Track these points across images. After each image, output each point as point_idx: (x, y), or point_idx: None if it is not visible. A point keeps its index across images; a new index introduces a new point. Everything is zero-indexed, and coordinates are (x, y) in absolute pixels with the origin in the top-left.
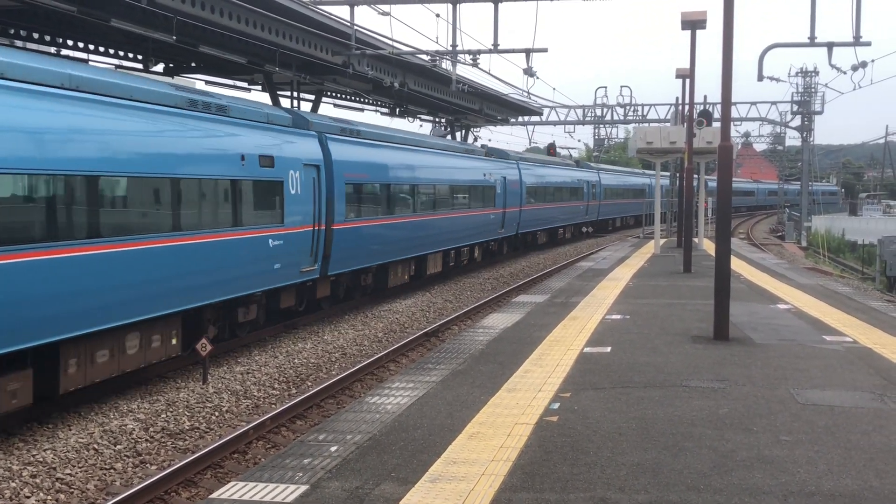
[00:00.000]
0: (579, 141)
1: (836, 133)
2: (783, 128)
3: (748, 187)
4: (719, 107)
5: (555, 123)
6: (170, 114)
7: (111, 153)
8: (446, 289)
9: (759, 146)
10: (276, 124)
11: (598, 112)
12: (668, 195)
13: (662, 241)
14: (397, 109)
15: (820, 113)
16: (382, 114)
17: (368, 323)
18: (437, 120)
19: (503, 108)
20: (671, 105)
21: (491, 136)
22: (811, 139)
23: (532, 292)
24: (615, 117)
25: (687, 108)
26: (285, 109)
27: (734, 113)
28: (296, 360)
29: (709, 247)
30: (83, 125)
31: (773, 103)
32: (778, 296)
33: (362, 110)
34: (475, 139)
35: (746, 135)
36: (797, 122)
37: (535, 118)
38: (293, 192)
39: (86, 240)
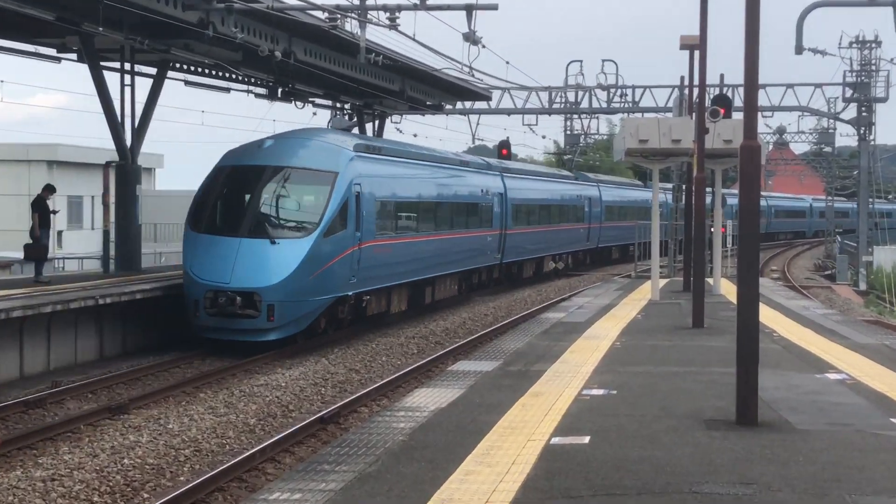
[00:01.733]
0: (544, 138)
1: None
2: (832, 121)
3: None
4: (741, 91)
5: (509, 112)
6: (443, 167)
7: (423, 189)
8: (351, 353)
9: (799, 147)
10: (486, 170)
11: (571, 97)
12: (671, 217)
13: (663, 282)
14: (279, 90)
15: (884, 100)
16: (257, 95)
17: (235, 404)
18: (337, 106)
19: (435, 90)
20: (673, 88)
21: (418, 129)
22: (871, 137)
23: (476, 357)
24: (595, 104)
25: (696, 92)
26: (485, 160)
27: (763, 99)
28: (126, 460)
29: (728, 290)
30: (412, 174)
31: (818, 86)
32: (827, 361)
33: (228, 90)
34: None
35: (780, 131)
36: (851, 112)
37: (480, 105)
38: (496, 210)
39: (412, 233)
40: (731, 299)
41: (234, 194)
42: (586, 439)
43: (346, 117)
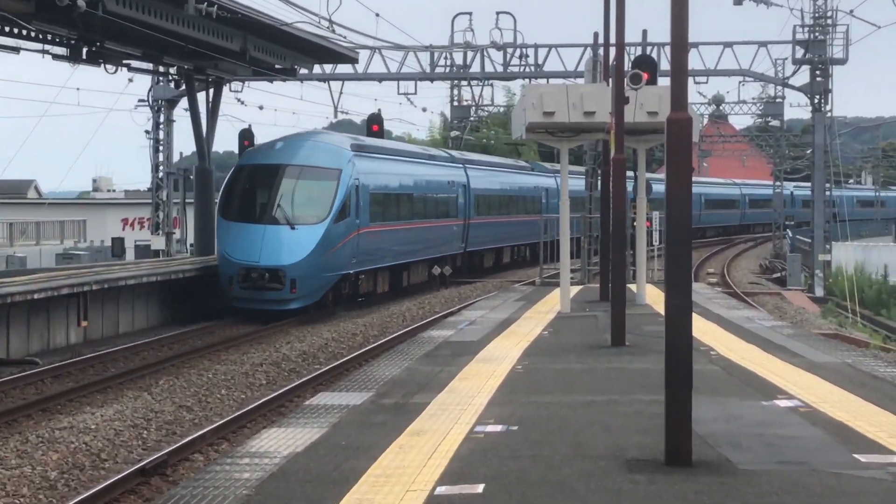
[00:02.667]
0: (425, 110)
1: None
2: (780, 88)
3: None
4: (668, 50)
5: (381, 78)
6: (428, 163)
7: (403, 182)
8: (181, 385)
9: (741, 121)
10: (453, 163)
11: (459, 59)
12: (585, 208)
13: (574, 289)
14: (84, 50)
15: (842, 62)
16: (55, 57)
17: (30, 453)
18: (160, 71)
19: (286, 50)
20: (585, 48)
21: (265, 100)
22: (828, 108)
23: (341, 387)
24: (489, 68)
25: (613, 52)
26: (448, 152)
27: (695, 61)
28: None
29: (655, 299)
30: (401, 170)
31: (763, 45)
32: (775, 385)
33: (16, 50)
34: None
35: (717, 101)
36: (803, 77)
37: (344, 69)
38: (461, 201)
39: (400, 221)
40: (658, 310)
41: (257, 188)
42: (479, 488)
43: (172, 84)
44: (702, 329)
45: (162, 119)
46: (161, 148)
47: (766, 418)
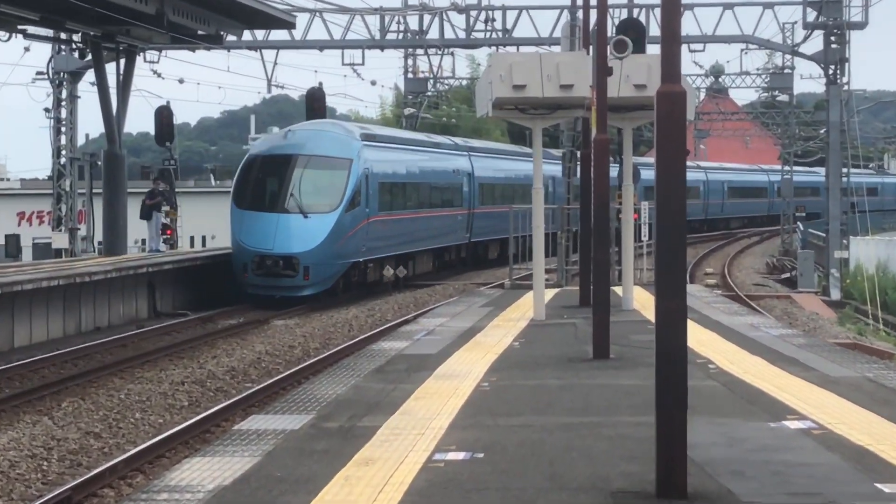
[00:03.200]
0: (375, 84)
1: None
2: (789, 57)
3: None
4: (658, 13)
5: (322, 46)
6: (434, 151)
7: (411, 172)
8: (88, 408)
9: (743, 95)
10: (458, 150)
11: (414, 23)
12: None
13: (550, 293)
14: None
15: (861, 26)
16: None
17: None
18: (62, 38)
19: (210, 14)
20: (562, 10)
21: (186, 72)
22: (845, 80)
23: (277, 409)
24: (449, 34)
25: (594, 15)
26: (452, 140)
27: (690, 26)
28: None
29: (644, 304)
30: (408, 159)
31: (769, 6)
32: (785, 403)
33: None
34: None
35: (717, 72)
36: (816, 44)
37: (279, 36)
38: (465, 190)
39: (407, 210)
40: (648, 316)
41: (270, 177)
42: None
43: (77, 54)
44: (699, 338)
45: (64, 95)
46: (63, 129)
47: (774, 442)
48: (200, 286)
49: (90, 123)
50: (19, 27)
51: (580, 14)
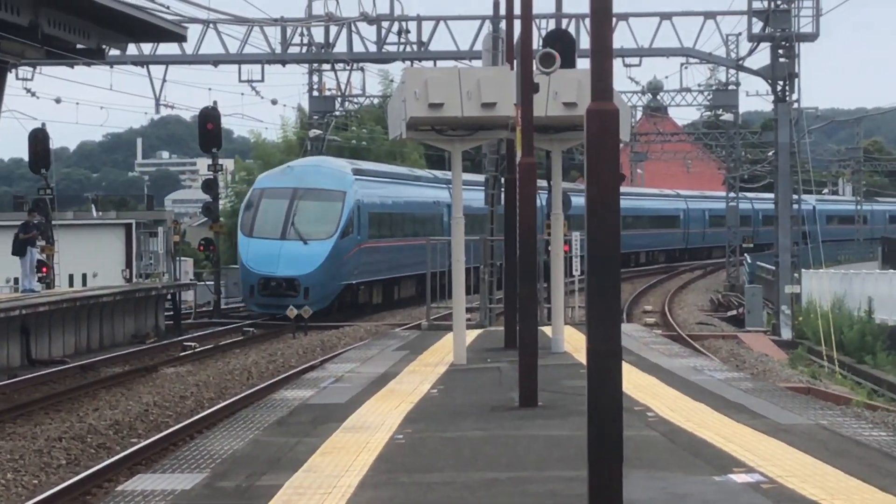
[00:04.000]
0: (275, 103)
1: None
2: (733, 72)
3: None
4: (589, 23)
5: (216, 61)
6: (416, 184)
7: (396, 202)
8: None
9: (683, 113)
10: (437, 183)
11: (319, 35)
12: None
13: (472, 334)
14: None
15: (812, 38)
16: None
17: None
18: None
19: (91, 25)
20: (483, 21)
21: (62, 91)
22: (794, 96)
23: (167, 467)
24: (358, 47)
25: (518, 27)
26: (432, 173)
27: (624, 38)
28: None
29: (576, 345)
30: (393, 192)
31: (711, 16)
32: (731, 454)
33: None
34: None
35: (654, 89)
36: (762, 58)
37: (169, 49)
38: (446, 220)
39: (394, 238)
40: (580, 359)
41: (273, 208)
42: None
43: None
44: (636, 383)
45: None
46: None
47: (719, 498)
48: (81, 330)
49: None
50: None
51: (503, 25)
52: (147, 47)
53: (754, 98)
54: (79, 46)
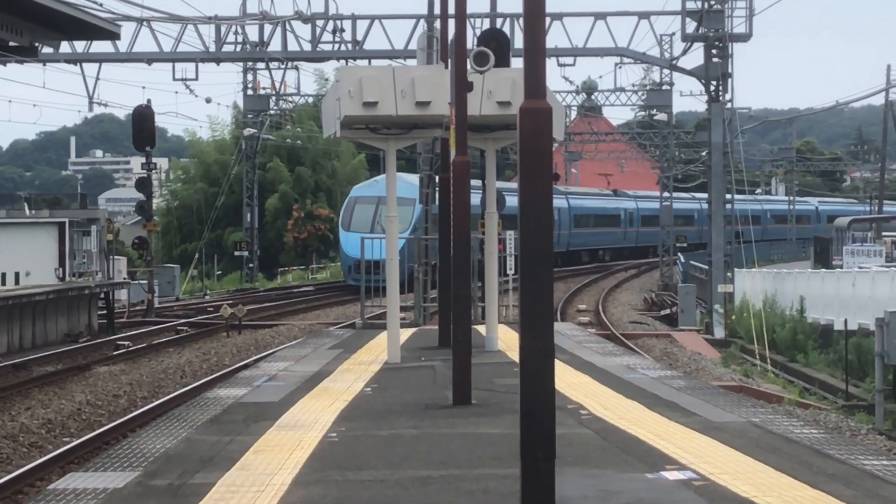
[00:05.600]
0: (210, 101)
1: (778, 88)
2: (667, 72)
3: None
4: (523, 22)
5: (150, 59)
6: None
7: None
8: None
9: (617, 113)
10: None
11: (254, 34)
12: (422, 226)
13: (407, 333)
14: None
15: (745, 38)
16: None
17: None
18: None
19: (22, 22)
20: (418, 20)
21: None
22: (727, 96)
23: (99, 465)
24: (293, 46)
25: (452, 25)
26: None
27: (559, 37)
28: None
29: (510, 344)
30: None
31: (645, 16)
32: (663, 452)
33: None
34: None
35: (589, 88)
36: (696, 58)
37: (102, 47)
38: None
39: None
40: (514, 358)
41: (364, 211)
42: None
43: None
44: (569, 381)
45: None
46: None
47: (651, 495)
48: (14, 328)
49: None
50: None
51: (438, 24)
52: (80, 45)
53: (688, 98)
54: (11, 44)
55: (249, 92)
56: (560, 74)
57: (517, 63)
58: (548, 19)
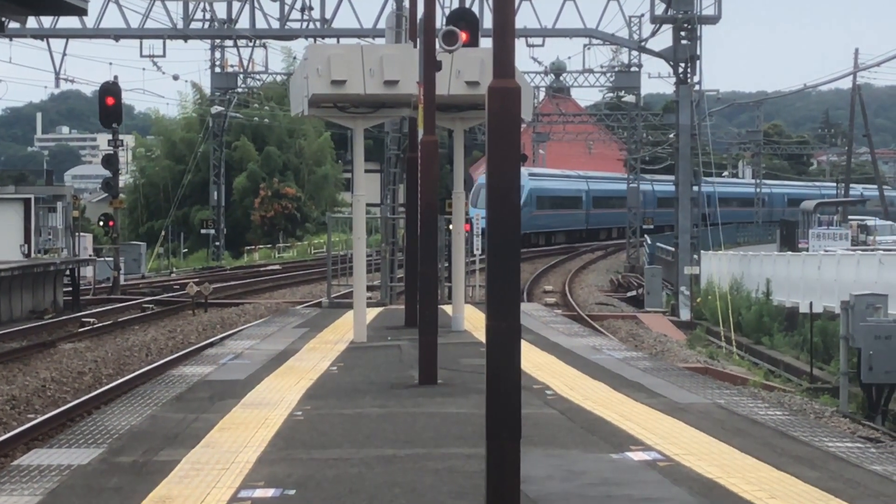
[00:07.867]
0: (177, 78)
1: (746, 71)
2: (636, 53)
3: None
4: (492, 1)
5: (117, 35)
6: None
7: (556, 188)
8: None
9: (585, 94)
10: (580, 178)
11: (221, 11)
12: (389, 209)
13: (373, 312)
14: None
15: (714, 20)
16: None
17: None
18: None
19: None
20: None
21: None
22: (695, 78)
23: (63, 442)
24: (261, 24)
25: (422, 4)
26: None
27: (528, 18)
28: None
29: (477, 324)
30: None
31: None
32: (628, 432)
33: None
34: None
35: (557, 70)
36: (664, 39)
37: (69, 23)
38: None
39: (555, 209)
40: (480, 338)
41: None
42: None
43: None
44: (535, 362)
45: None
46: None
47: (616, 475)
48: None
49: None
50: None
51: (407, 3)
52: (47, 20)
53: (656, 80)
54: None
55: (217, 70)
56: (529, 55)
57: (486, 43)
58: None
